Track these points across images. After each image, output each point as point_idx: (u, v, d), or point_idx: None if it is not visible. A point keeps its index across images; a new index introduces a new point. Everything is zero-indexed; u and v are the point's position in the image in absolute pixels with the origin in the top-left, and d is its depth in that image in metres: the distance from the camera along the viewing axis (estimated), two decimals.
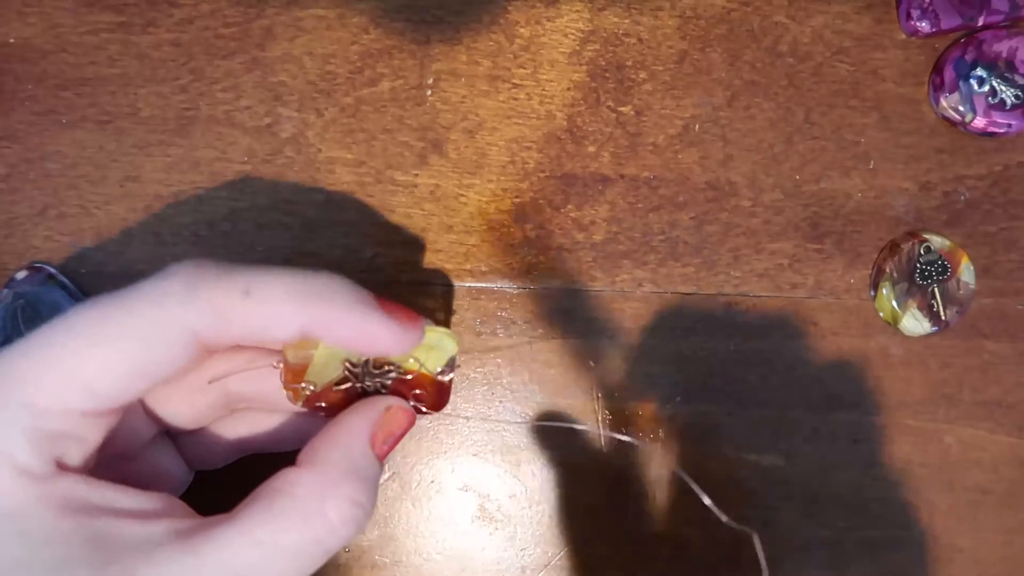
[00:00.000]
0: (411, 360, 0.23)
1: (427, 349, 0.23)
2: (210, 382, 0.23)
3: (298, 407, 0.23)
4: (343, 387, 0.23)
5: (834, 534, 0.31)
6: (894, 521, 0.31)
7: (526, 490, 0.30)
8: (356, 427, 0.22)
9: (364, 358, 0.23)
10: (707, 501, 0.25)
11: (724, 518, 0.25)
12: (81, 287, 0.29)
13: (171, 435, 0.25)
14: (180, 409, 0.23)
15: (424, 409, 0.24)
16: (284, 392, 0.23)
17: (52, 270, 0.29)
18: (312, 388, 0.22)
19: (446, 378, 0.23)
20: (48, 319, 0.28)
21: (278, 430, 0.25)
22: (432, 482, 0.30)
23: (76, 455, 0.20)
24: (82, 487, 0.19)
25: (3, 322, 0.28)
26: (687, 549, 0.30)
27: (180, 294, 0.19)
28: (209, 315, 0.19)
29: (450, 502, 0.30)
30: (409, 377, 0.23)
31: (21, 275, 0.28)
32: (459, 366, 0.29)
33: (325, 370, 0.23)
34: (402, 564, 0.30)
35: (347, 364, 0.23)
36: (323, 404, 0.23)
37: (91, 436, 0.20)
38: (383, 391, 0.23)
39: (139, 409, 0.23)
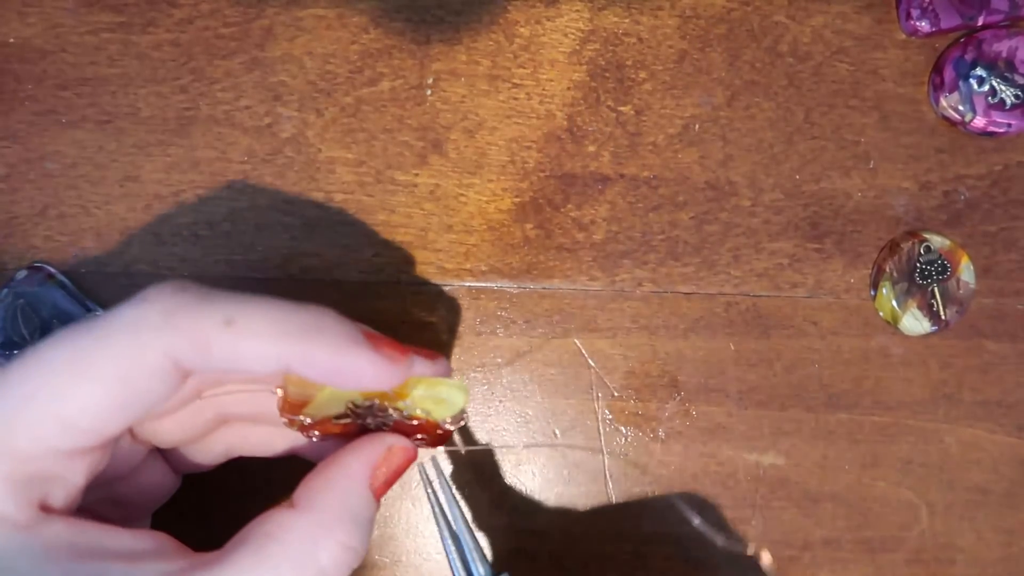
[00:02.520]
0: (418, 410, 0.22)
1: (436, 401, 0.22)
2: (203, 397, 0.22)
3: (292, 429, 0.22)
4: (342, 421, 0.22)
5: (834, 534, 0.31)
6: (894, 521, 0.31)
7: (526, 490, 0.30)
8: (355, 469, 0.21)
9: (369, 402, 0.22)
10: (720, 542, 0.25)
11: (718, 540, 0.25)
12: (81, 287, 0.29)
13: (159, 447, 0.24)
14: (170, 429, 0.23)
15: (424, 445, 0.23)
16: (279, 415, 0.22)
17: (52, 270, 0.29)
18: (309, 420, 0.22)
19: (452, 427, 0.23)
20: (48, 319, 0.28)
21: (269, 439, 0.25)
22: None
23: (60, 495, 0.19)
24: (67, 531, 0.19)
25: (3, 322, 0.28)
26: (687, 549, 0.30)
27: (157, 323, 0.18)
28: (188, 344, 0.19)
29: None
30: (414, 423, 0.22)
31: (21, 275, 0.28)
32: (466, 417, 0.28)
33: (327, 408, 0.22)
34: (402, 564, 0.30)
35: (351, 404, 0.22)
36: (318, 433, 0.22)
37: (75, 475, 0.19)
38: (384, 428, 0.23)
39: (127, 436, 0.23)
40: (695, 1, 0.30)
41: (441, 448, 0.29)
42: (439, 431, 0.23)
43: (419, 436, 0.23)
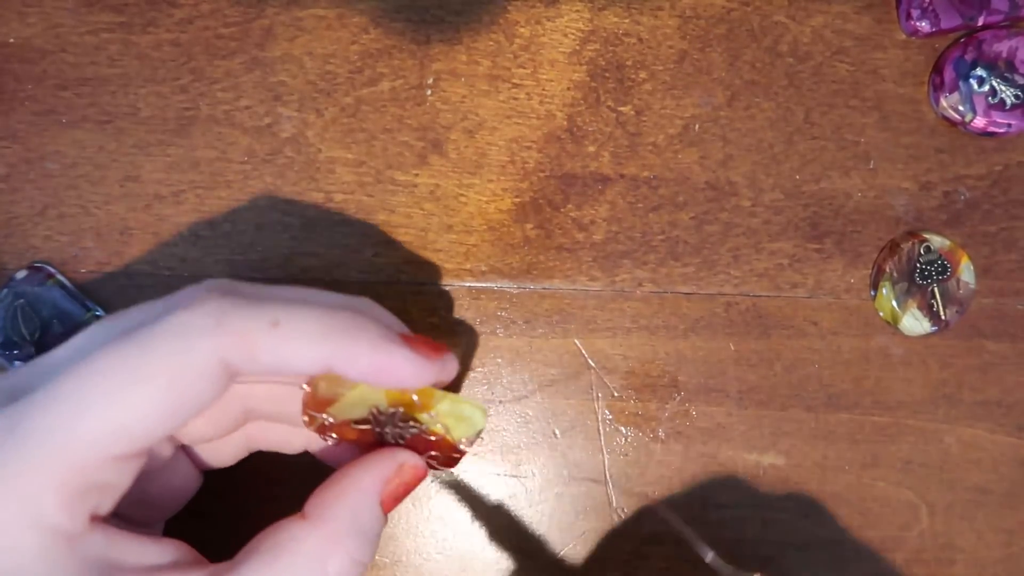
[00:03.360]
0: (438, 425, 0.23)
1: (457, 419, 0.23)
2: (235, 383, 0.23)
3: (310, 429, 0.23)
4: (361, 427, 0.23)
5: (834, 534, 0.31)
6: (894, 521, 0.31)
7: (526, 490, 0.30)
8: (366, 483, 0.22)
9: (393, 409, 0.22)
10: (709, 558, 0.26)
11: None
12: (81, 287, 0.29)
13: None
14: (201, 425, 0.23)
15: (435, 465, 0.23)
16: (301, 415, 0.22)
17: (52, 270, 0.29)
18: (330, 421, 0.22)
19: (467, 448, 0.23)
20: (48, 319, 0.28)
21: (288, 436, 0.25)
22: (432, 482, 0.30)
23: (108, 504, 0.19)
24: (104, 543, 0.19)
25: (3, 322, 0.28)
26: (687, 549, 0.30)
27: (207, 326, 0.19)
28: (237, 347, 0.19)
29: (450, 502, 0.30)
30: (432, 438, 0.23)
31: (21, 275, 0.28)
32: (483, 439, 0.28)
33: (351, 410, 0.22)
34: (402, 564, 0.30)
35: (375, 410, 0.22)
36: (335, 436, 0.23)
37: (123, 480, 0.19)
38: (400, 442, 0.23)
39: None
40: (695, 1, 0.30)
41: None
42: (454, 453, 0.23)
43: (432, 453, 0.23)
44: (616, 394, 0.30)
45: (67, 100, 0.29)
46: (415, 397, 0.22)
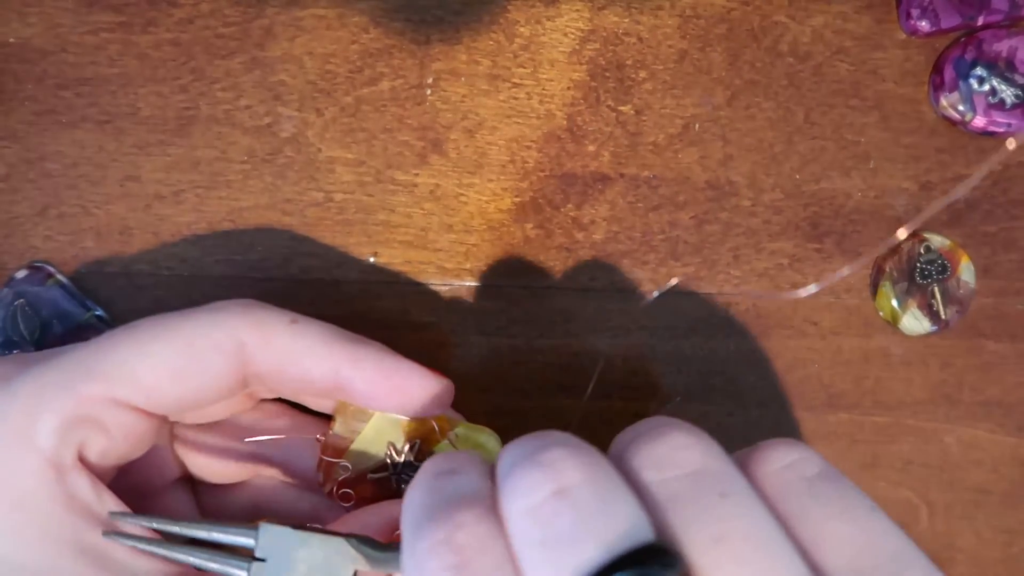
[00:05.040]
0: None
1: (473, 445, 0.23)
2: (247, 440, 0.24)
3: (323, 491, 0.23)
4: (378, 476, 0.23)
5: None
6: (894, 521, 0.31)
7: None
8: (388, 508, 0.22)
9: (408, 444, 0.22)
10: None
11: None
12: (81, 287, 0.29)
13: (192, 486, 0.25)
14: (209, 463, 0.24)
15: None
16: (316, 473, 0.22)
17: (52, 270, 0.29)
18: (348, 468, 0.22)
19: None
20: (48, 319, 0.28)
21: (295, 504, 0.25)
22: None
23: (96, 448, 0.20)
24: (90, 490, 0.20)
25: (3, 322, 0.28)
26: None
27: (233, 309, 0.21)
28: (256, 331, 0.21)
29: None
30: None
31: (21, 275, 0.28)
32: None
33: (368, 450, 0.22)
34: None
35: (391, 447, 0.22)
36: (351, 492, 0.23)
37: (116, 433, 0.20)
38: None
39: (168, 448, 0.24)
40: (695, 1, 0.30)
41: None
42: None
43: None
44: (616, 394, 0.30)
45: (67, 100, 0.29)
46: (434, 424, 0.22)
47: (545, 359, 0.30)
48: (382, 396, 0.22)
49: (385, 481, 0.23)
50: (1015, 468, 0.31)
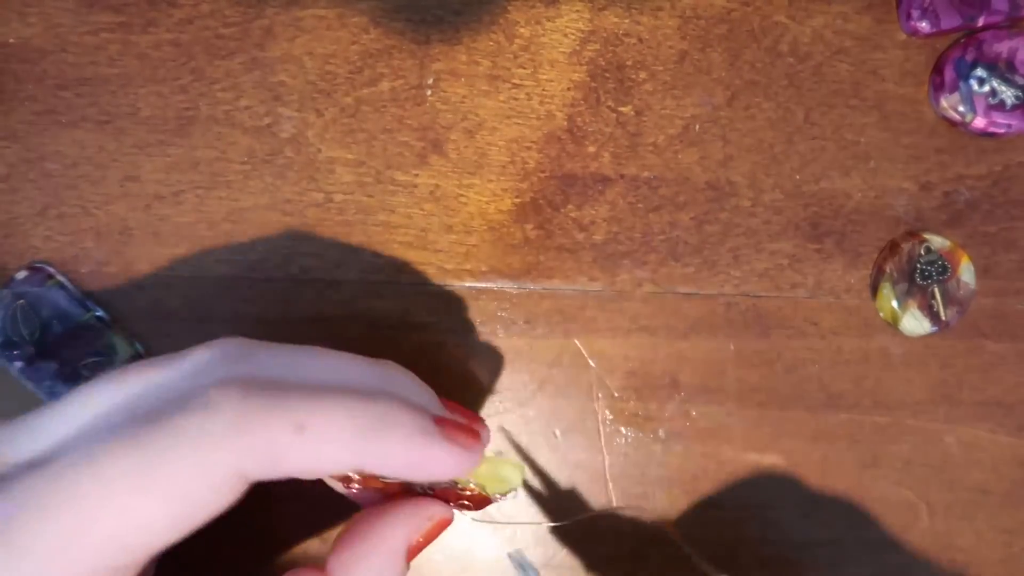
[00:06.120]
0: (472, 484, 0.22)
1: (492, 478, 0.22)
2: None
3: (331, 480, 0.22)
4: (387, 479, 0.21)
5: (834, 534, 0.31)
6: (894, 521, 0.31)
7: (526, 490, 0.30)
8: (395, 542, 0.20)
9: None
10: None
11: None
12: (81, 287, 0.29)
13: None
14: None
15: (465, 508, 0.23)
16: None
17: (52, 270, 0.29)
18: (356, 477, 0.21)
19: (500, 500, 0.22)
20: (48, 319, 0.28)
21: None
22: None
23: None
24: None
25: (3, 322, 0.28)
26: (687, 551, 0.30)
27: (226, 434, 0.17)
28: (258, 457, 0.17)
29: None
30: (465, 492, 0.22)
31: (21, 275, 0.28)
32: (515, 494, 0.26)
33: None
34: None
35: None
36: (359, 486, 0.22)
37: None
38: (429, 492, 0.22)
39: None
40: (695, 1, 0.30)
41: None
42: (486, 503, 0.23)
43: (464, 503, 0.23)
44: (616, 394, 0.30)
45: (67, 100, 0.29)
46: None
47: (545, 359, 0.30)
48: (410, 477, 0.20)
49: (395, 483, 0.22)
50: (1015, 468, 0.31)
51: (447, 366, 0.30)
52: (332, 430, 0.18)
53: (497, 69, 0.30)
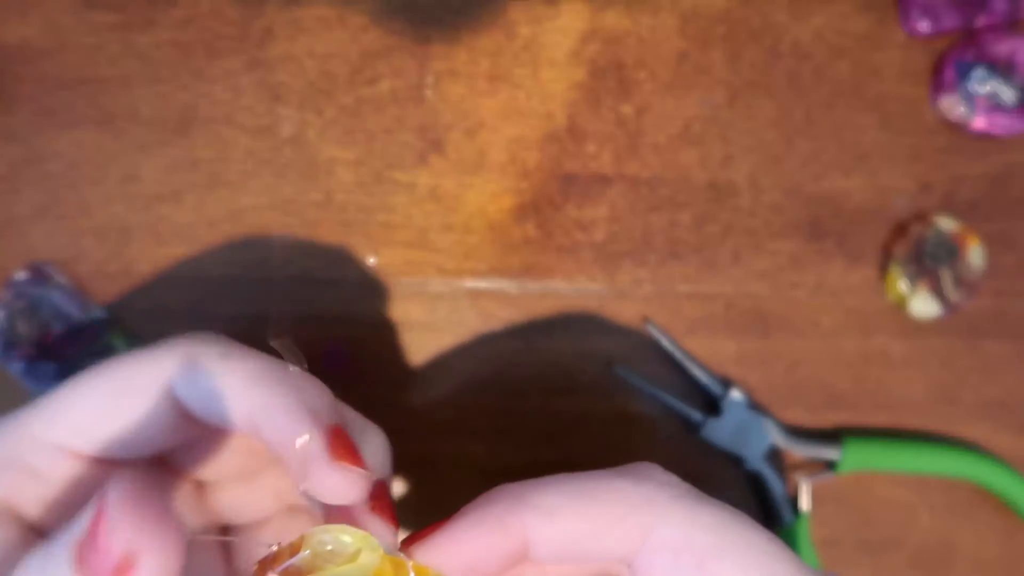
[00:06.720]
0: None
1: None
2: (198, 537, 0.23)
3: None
4: None
5: (834, 534, 0.31)
6: (894, 521, 0.31)
7: None
8: None
9: None
10: None
11: None
12: (81, 287, 0.29)
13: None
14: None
15: None
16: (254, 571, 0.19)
17: (52, 270, 0.29)
18: None
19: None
20: (48, 319, 0.28)
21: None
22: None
23: (29, 493, 0.20)
24: (13, 540, 0.19)
25: (3, 323, 0.28)
26: None
27: (159, 349, 0.20)
28: (184, 370, 0.20)
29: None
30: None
31: (21, 275, 0.28)
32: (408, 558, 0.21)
33: None
34: None
35: None
36: None
37: (52, 476, 0.20)
38: None
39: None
40: (695, 1, 0.30)
41: None
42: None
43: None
44: (616, 394, 0.30)
45: (67, 100, 0.29)
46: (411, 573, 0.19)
47: (545, 359, 0.30)
48: (283, 453, 0.19)
49: None
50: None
51: (447, 366, 0.30)
52: (248, 367, 0.20)
53: (497, 69, 0.30)
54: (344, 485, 0.19)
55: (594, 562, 0.20)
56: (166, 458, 0.22)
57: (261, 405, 0.19)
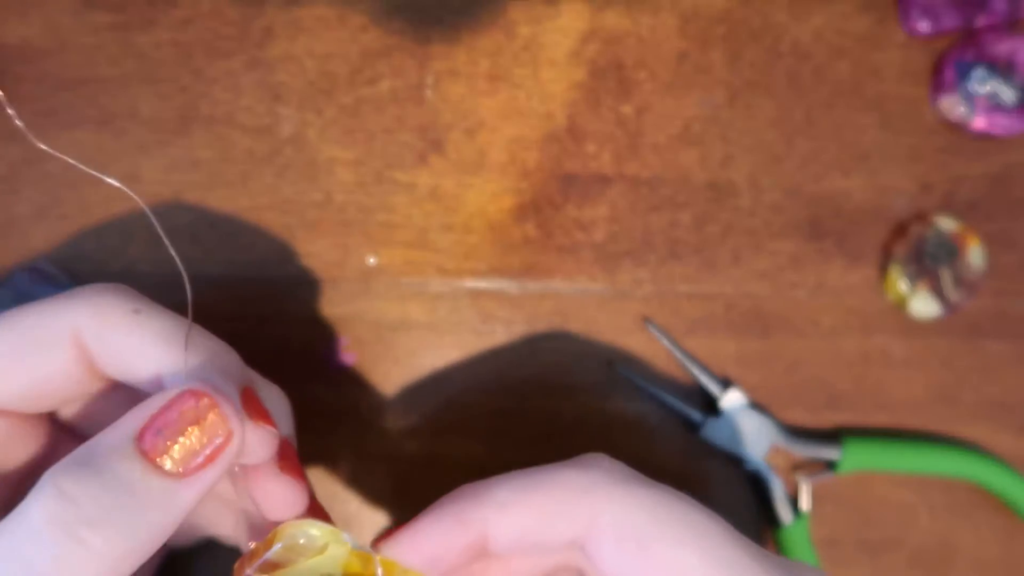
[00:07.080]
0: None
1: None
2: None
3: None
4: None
5: (834, 534, 0.31)
6: (894, 521, 0.31)
7: None
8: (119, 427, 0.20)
9: None
10: None
11: None
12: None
13: None
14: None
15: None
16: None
17: (52, 270, 0.29)
18: None
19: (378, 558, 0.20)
20: None
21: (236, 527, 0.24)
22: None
23: None
24: None
25: None
26: None
27: (81, 296, 0.20)
28: (94, 320, 0.19)
29: None
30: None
31: (21, 275, 0.28)
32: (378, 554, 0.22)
33: None
34: None
35: None
36: None
37: None
38: None
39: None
40: (695, 1, 0.30)
41: None
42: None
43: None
44: (616, 395, 0.30)
45: (67, 100, 0.29)
46: (379, 570, 0.20)
47: (545, 359, 0.30)
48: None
49: None
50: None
51: (447, 366, 0.30)
52: (158, 325, 0.20)
53: (497, 69, 0.30)
54: (256, 444, 0.19)
55: (550, 551, 0.21)
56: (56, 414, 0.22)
57: (171, 365, 0.19)
